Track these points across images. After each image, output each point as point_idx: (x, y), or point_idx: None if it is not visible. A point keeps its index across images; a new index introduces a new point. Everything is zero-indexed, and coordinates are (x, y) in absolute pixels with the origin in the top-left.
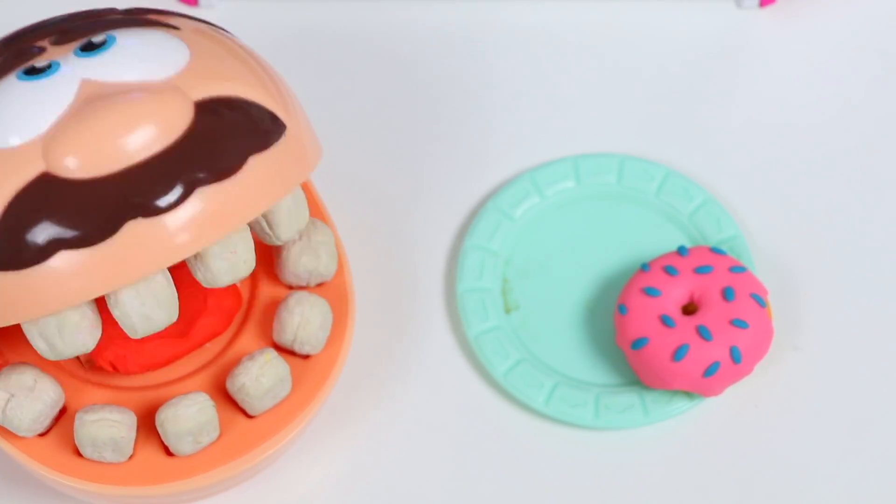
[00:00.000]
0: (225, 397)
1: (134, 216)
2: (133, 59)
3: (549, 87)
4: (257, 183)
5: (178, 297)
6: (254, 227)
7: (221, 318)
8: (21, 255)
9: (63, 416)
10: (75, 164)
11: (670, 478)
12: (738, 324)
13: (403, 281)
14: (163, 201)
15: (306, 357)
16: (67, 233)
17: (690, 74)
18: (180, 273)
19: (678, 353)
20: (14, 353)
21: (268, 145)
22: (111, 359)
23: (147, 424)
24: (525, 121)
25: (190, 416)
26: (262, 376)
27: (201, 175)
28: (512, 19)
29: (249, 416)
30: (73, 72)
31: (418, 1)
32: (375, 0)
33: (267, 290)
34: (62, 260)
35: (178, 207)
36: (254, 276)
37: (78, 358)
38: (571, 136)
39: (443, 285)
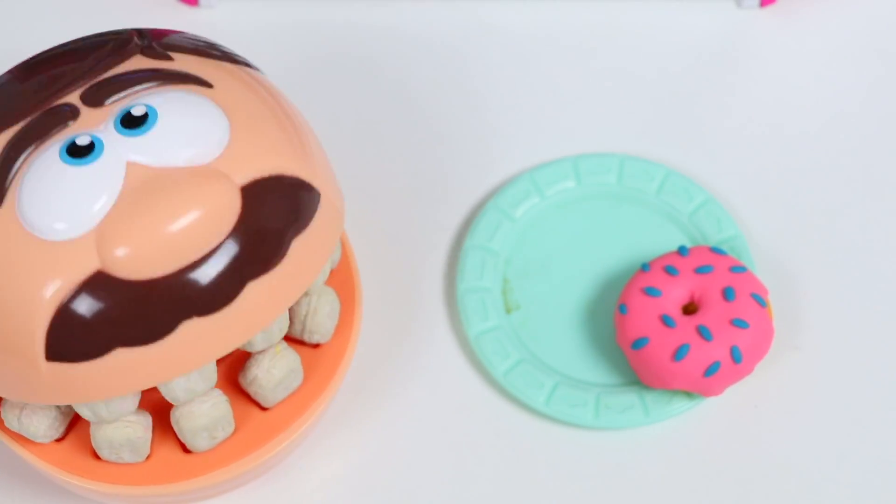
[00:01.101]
0: (238, 391)
1: (189, 316)
2: (177, 138)
3: (549, 87)
4: (299, 263)
5: None
6: (292, 309)
7: None
8: (79, 350)
9: (78, 421)
10: (131, 263)
11: (670, 478)
12: (738, 324)
13: (404, 281)
14: (217, 300)
15: (316, 346)
16: (125, 332)
17: (690, 74)
18: None
19: (678, 353)
20: None
21: (307, 224)
22: None
23: (162, 423)
24: (525, 121)
25: (204, 412)
26: (273, 368)
27: (251, 268)
28: (512, 19)
29: (263, 409)
30: (117, 153)
31: (419, 1)
32: (375, 0)
33: None
34: (119, 356)
35: (231, 304)
36: None
37: None
38: (571, 136)
39: (443, 285)
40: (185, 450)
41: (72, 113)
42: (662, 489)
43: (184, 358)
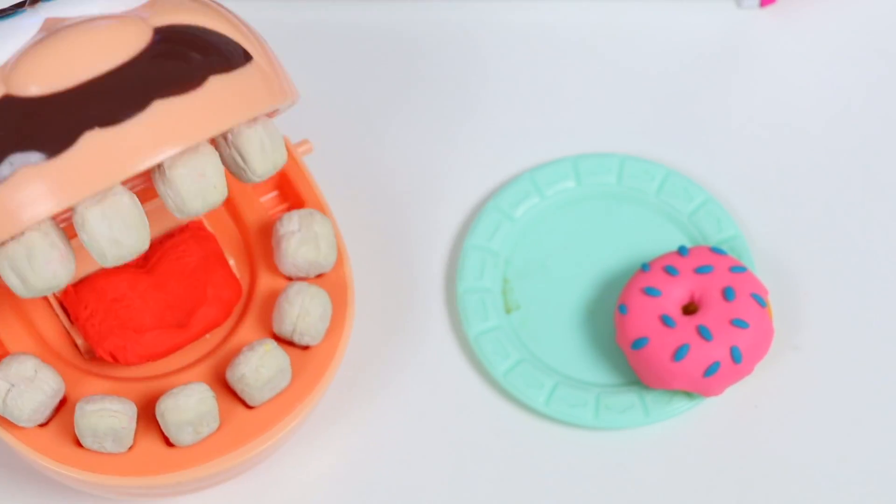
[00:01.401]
0: (225, 388)
1: (91, 126)
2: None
3: (549, 87)
4: (218, 101)
5: (179, 289)
6: (227, 162)
7: (221, 308)
8: None
9: (63, 407)
10: (34, 84)
11: (670, 478)
12: (738, 324)
13: (404, 281)
14: (120, 111)
15: (305, 348)
16: (26, 147)
17: (690, 74)
18: (178, 264)
19: (678, 353)
20: (14, 343)
21: (231, 68)
22: (111, 349)
23: (147, 415)
24: (525, 121)
25: (190, 407)
26: (262, 367)
27: (159, 87)
28: (512, 18)
29: (249, 407)
30: (37, 12)
31: (419, 1)
32: (375, 0)
33: (266, 282)
34: (23, 176)
35: (135, 117)
36: (253, 268)
37: (77, 347)
38: (571, 136)
39: (443, 285)
40: (168, 443)
41: (16, 8)
42: (662, 489)
43: (90, 173)
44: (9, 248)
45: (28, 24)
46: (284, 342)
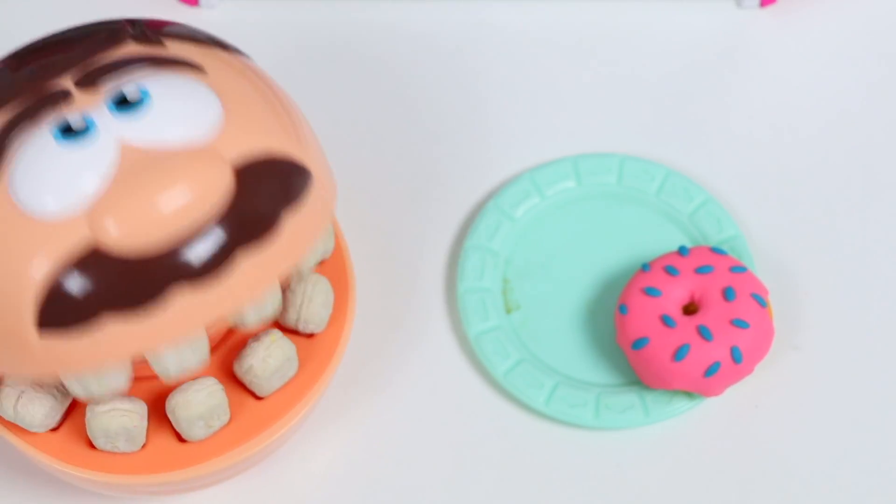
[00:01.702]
0: (233, 381)
1: (180, 287)
2: (169, 119)
3: (549, 87)
4: (291, 239)
5: None
6: (287, 304)
7: None
8: (69, 320)
9: (74, 410)
10: (122, 237)
11: (670, 478)
12: (738, 324)
13: (404, 281)
14: (207, 270)
15: (310, 336)
16: (115, 302)
17: (690, 74)
18: None
19: (679, 353)
20: None
21: (300, 202)
22: None
23: (157, 412)
24: (525, 121)
25: (200, 401)
26: (269, 357)
27: (243, 242)
28: (512, 19)
29: (258, 398)
30: (110, 133)
31: (419, 1)
32: (375, 0)
33: None
34: (109, 325)
35: (222, 276)
36: None
37: None
38: (571, 136)
39: (443, 285)
40: (180, 439)
41: (65, 95)
42: (662, 489)
43: (173, 328)
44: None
45: (104, 151)
46: (289, 331)
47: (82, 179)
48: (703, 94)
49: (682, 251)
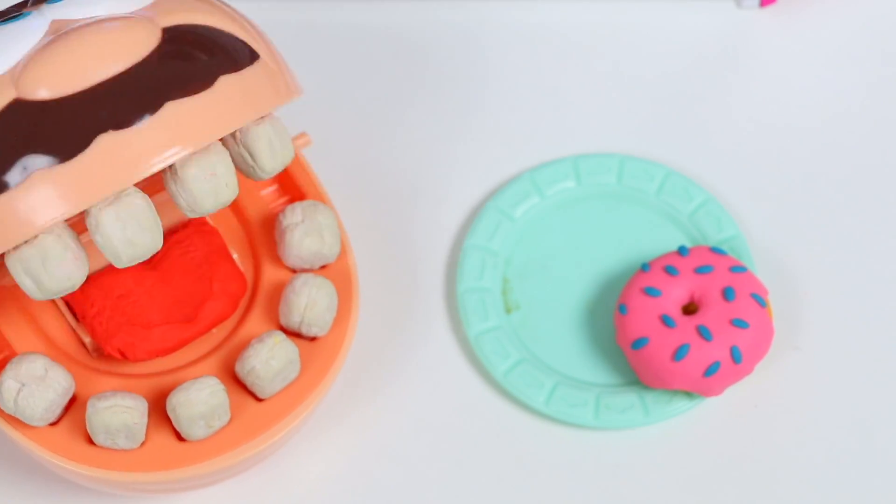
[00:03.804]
0: (234, 382)
1: (104, 129)
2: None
3: (549, 86)
4: (228, 101)
5: (184, 284)
6: (236, 160)
7: (227, 302)
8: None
9: (73, 405)
10: (45, 87)
11: (670, 478)
12: (738, 324)
13: (404, 281)
14: (133, 113)
15: (313, 339)
16: (40, 151)
17: (690, 74)
18: (183, 259)
19: (678, 353)
20: (22, 343)
21: (239, 68)
22: (119, 346)
23: (158, 411)
24: (525, 121)
25: (202, 400)
26: (271, 359)
27: (171, 89)
28: (512, 19)
29: (259, 400)
30: (43, 14)
31: (418, 1)
32: (375, 0)
33: (271, 274)
34: (37, 180)
35: (149, 119)
36: (257, 260)
37: (84, 346)
38: (571, 136)
39: (443, 285)
40: (180, 438)
41: (17, 10)
42: (662, 489)
43: (104, 176)
44: (22, 252)
45: (34, 27)
46: (291, 334)
47: (11, 48)
48: (703, 94)
49: (681, 251)
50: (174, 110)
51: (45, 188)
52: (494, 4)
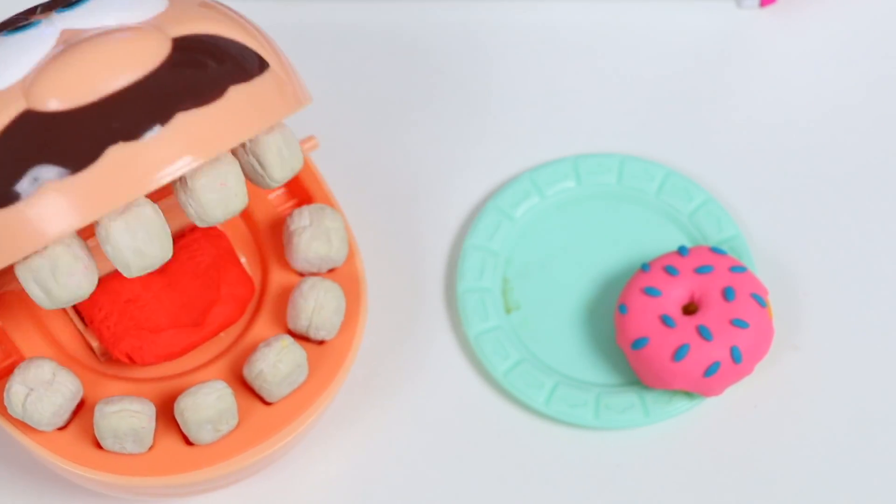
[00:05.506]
0: (242, 385)
1: (115, 141)
2: (111, 6)
3: (549, 87)
4: (239, 111)
5: (192, 288)
6: (246, 169)
7: (235, 306)
8: (6, 191)
9: (81, 410)
10: (55, 99)
11: (670, 478)
12: (738, 324)
13: (404, 281)
14: (143, 125)
15: (321, 343)
16: (50, 163)
17: (690, 74)
18: (191, 263)
19: (678, 353)
20: (30, 348)
21: (249, 77)
22: (127, 350)
23: (166, 415)
24: (525, 121)
25: (209, 404)
26: (279, 362)
27: (181, 100)
28: (512, 19)
29: (267, 404)
30: (52, 24)
31: (419, 1)
32: (375, 0)
33: (278, 278)
34: (47, 191)
35: (159, 130)
36: (264, 264)
37: (92, 350)
38: (571, 136)
39: (443, 285)
40: (188, 442)
41: (26, 18)
42: (662, 489)
43: (114, 188)
44: (32, 262)
45: (45, 37)
46: (299, 337)
47: (21, 58)
48: (703, 94)
49: (681, 251)
50: (184, 121)
51: (55, 199)
52: (495, 5)
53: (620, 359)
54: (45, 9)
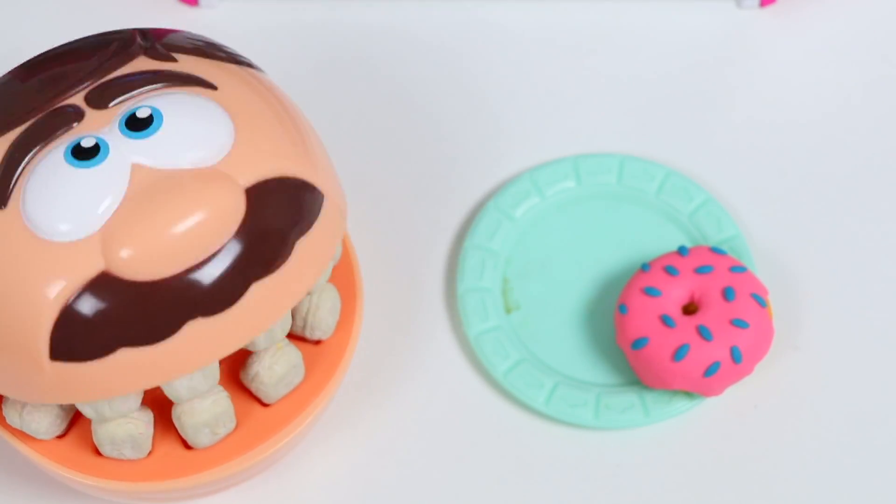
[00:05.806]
0: (239, 388)
1: (193, 316)
2: (181, 141)
3: (549, 87)
4: (303, 264)
5: None
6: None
7: None
8: (83, 350)
9: (80, 417)
10: (135, 264)
11: (670, 478)
12: (738, 324)
13: (404, 281)
14: (221, 301)
15: (317, 343)
16: (129, 332)
17: (690, 74)
18: None
19: (678, 353)
20: None
21: (311, 225)
22: None
23: (163, 419)
24: (525, 121)
25: (206, 409)
26: (275, 364)
27: (256, 270)
28: (512, 19)
29: (264, 405)
30: (122, 155)
31: (419, 1)
32: (376, 1)
33: None
34: (123, 356)
35: (236, 304)
36: None
37: None
38: (571, 136)
39: (443, 285)
40: (187, 446)
41: (76, 115)
42: (662, 489)
43: (187, 358)
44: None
45: (117, 175)
46: (295, 338)
47: (94, 202)
48: (703, 94)
49: (681, 251)
50: (258, 291)
51: (130, 365)
52: (495, 5)
53: (620, 359)
54: (96, 102)
